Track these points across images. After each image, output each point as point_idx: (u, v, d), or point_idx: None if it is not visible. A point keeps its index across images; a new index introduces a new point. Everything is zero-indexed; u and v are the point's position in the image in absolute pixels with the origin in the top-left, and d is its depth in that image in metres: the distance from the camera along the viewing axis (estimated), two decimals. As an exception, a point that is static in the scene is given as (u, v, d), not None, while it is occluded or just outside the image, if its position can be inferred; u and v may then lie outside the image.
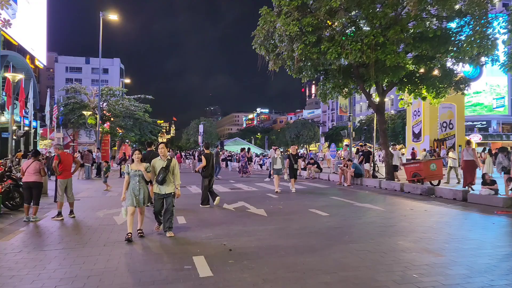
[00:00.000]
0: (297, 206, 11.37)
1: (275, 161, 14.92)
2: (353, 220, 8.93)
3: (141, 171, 7.26)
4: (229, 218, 9.50)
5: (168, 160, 7.45)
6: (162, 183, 7.38)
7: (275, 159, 14.95)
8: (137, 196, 7.24)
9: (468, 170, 13.70)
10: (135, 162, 7.38)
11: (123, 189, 7.35)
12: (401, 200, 12.38)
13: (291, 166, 14.97)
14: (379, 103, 16.38)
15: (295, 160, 15.05)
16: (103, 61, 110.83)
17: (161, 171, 7.34)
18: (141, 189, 7.27)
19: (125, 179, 7.35)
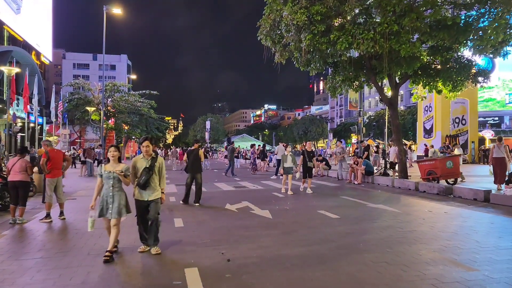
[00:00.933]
0: (305, 207, 10.57)
1: (285, 158, 13.36)
2: (367, 224, 8.10)
3: (116, 174, 5.81)
4: (230, 220, 8.73)
5: (152, 159, 6.11)
6: (144, 187, 6.01)
7: (285, 157, 13.39)
8: (110, 205, 5.79)
9: (499, 168, 12.83)
10: (111, 161, 5.91)
11: (94, 194, 5.94)
12: (417, 200, 11.52)
13: (305, 164, 13.58)
14: (392, 97, 15.48)
15: (309, 158, 13.64)
16: (110, 58, 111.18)
17: (143, 173, 5.99)
18: (116, 196, 5.82)
19: (97, 182, 5.94)
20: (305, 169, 13.64)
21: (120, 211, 5.85)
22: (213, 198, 12.67)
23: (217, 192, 14.50)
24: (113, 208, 5.79)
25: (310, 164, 13.61)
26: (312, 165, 13.79)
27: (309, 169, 13.68)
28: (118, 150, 6.05)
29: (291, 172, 13.31)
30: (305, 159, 13.50)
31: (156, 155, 6.26)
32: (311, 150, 14.01)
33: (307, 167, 13.56)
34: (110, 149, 5.96)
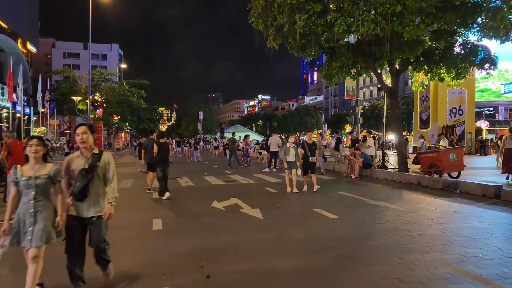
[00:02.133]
0: (299, 204, 9.63)
1: (287, 151, 11.59)
2: (370, 226, 7.17)
3: (42, 178, 3.87)
4: (216, 221, 7.77)
5: (94, 156, 4.13)
6: (81, 198, 4.02)
7: (287, 149, 11.62)
8: (30, 228, 3.79)
9: (510, 159, 12.08)
10: (31, 161, 3.92)
11: (6, 212, 3.90)
12: (420, 196, 10.62)
13: (306, 159, 11.66)
14: (392, 85, 14.51)
15: (311, 152, 11.68)
16: (101, 47, 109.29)
17: (79, 177, 4.03)
18: (40, 213, 3.83)
19: (11, 193, 3.97)
20: (306, 165, 11.74)
21: (47, 235, 3.84)
22: (200, 194, 11.72)
23: (205, 186, 13.53)
24: (34, 233, 3.78)
25: (313, 159, 11.66)
26: (314, 160, 11.71)
27: (312, 165, 11.73)
28: (42, 144, 3.98)
29: (294, 167, 11.68)
30: (306, 153, 11.65)
31: (100, 152, 4.24)
32: (313, 142, 12.05)
33: (309, 162, 11.67)
34: (29, 143, 3.91)
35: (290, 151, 11.61)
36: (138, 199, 10.86)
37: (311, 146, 11.77)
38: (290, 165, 11.64)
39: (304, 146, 11.77)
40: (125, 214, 8.55)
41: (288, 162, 11.64)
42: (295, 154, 11.60)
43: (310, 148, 11.70)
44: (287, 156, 11.59)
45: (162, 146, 11.15)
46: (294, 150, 11.62)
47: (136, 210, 9.11)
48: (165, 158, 11.08)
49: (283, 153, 11.80)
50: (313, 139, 12.60)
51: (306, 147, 11.66)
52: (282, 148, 11.78)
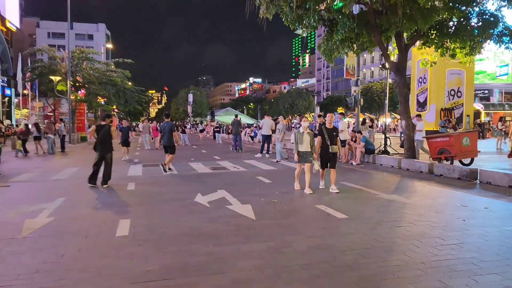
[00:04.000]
0: (298, 199, 8.15)
1: (300, 138, 8.71)
2: (390, 230, 5.72)
3: None
4: (197, 223, 6.26)
5: None
6: None
7: (299, 136, 8.73)
8: None
9: None
10: None
11: None
12: (437, 188, 9.21)
13: (325, 149, 8.81)
14: (399, 61, 12.95)
15: (332, 139, 8.78)
16: (87, 27, 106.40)
17: None
18: None
19: None
20: (325, 157, 8.89)
21: None
22: (184, 184, 10.20)
23: (190, 175, 12.02)
24: None
25: (334, 149, 8.78)
26: (336, 149, 8.84)
27: (332, 157, 8.84)
28: None
29: (309, 160, 8.74)
30: (325, 141, 8.80)
31: None
32: (333, 127, 9.09)
33: (329, 153, 8.81)
34: None
35: (304, 138, 8.66)
36: (110, 192, 9.31)
37: (331, 132, 8.85)
38: (304, 157, 8.74)
39: (322, 132, 8.90)
40: (87, 213, 7.02)
41: (300, 152, 8.75)
42: (310, 143, 8.68)
43: (331, 134, 8.79)
44: (300, 145, 8.70)
45: (100, 129, 9.98)
46: (309, 137, 8.63)
47: (103, 207, 7.57)
48: (104, 141, 9.87)
49: (295, 140, 8.87)
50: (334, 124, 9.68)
51: (325, 134, 8.79)
52: (295, 134, 8.92)
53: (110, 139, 9.96)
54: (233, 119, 21.25)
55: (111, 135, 9.94)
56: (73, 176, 11.89)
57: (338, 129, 9.28)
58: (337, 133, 9.02)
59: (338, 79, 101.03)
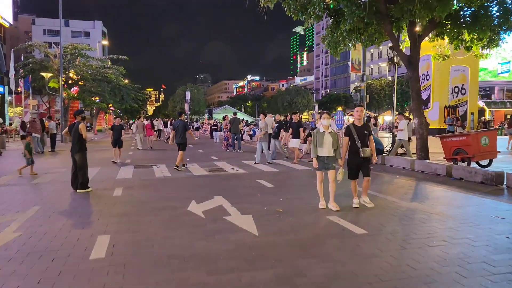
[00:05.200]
0: (306, 208, 7.13)
1: (320, 139, 6.81)
2: (421, 251, 4.72)
3: None
4: (189, 240, 5.25)
5: None
6: None
7: (319, 136, 6.82)
8: None
9: None
10: None
11: None
12: (461, 194, 8.22)
13: (355, 153, 6.93)
14: (412, 53, 11.95)
15: (363, 140, 6.90)
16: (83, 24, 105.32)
17: None
18: None
19: None
20: (356, 162, 6.97)
21: None
22: (177, 189, 9.18)
23: (184, 177, 11.00)
24: None
25: (366, 153, 6.85)
26: (369, 153, 6.89)
27: (364, 163, 6.96)
28: None
29: (331, 166, 6.84)
30: (354, 143, 6.93)
31: None
32: (364, 124, 7.18)
33: (359, 158, 6.90)
34: None
35: (324, 139, 6.76)
36: (93, 199, 8.29)
37: (361, 130, 6.94)
38: (325, 163, 6.84)
39: (350, 131, 6.99)
40: (62, 227, 6.00)
41: (320, 158, 6.85)
42: (334, 145, 6.78)
43: (361, 134, 6.90)
44: (320, 148, 6.82)
45: (72, 127, 9.19)
46: (331, 138, 6.77)
47: (81, 219, 6.54)
48: (74, 141, 9.03)
49: (313, 143, 7.02)
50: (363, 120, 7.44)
51: (354, 133, 6.92)
52: (313, 134, 7.03)
53: (81, 138, 9.00)
54: (231, 117, 20.18)
55: (81, 134, 8.97)
56: (57, 179, 10.85)
57: (370, 127, 7.31)
58: (370, 131, 7.05)
59: (337, 76, 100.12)
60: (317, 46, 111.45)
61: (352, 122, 7.19)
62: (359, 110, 7.17)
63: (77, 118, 9.37)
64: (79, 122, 9.23)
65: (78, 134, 9.05)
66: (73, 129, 9.16)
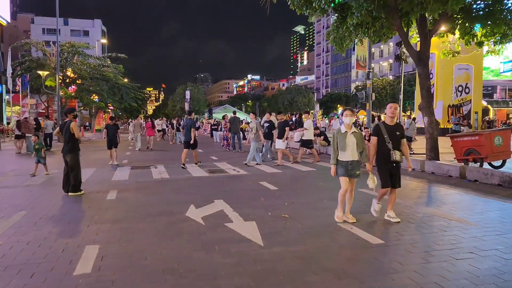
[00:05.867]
0: (315, 213, 6.59)
1: (341, 141, 5.82)
2: (448, 265, 4.17)
3: None
4: (186, 253, 4.72)
5: None
6: None
7: (341, 137, 5.83)
8: None
9: None
10: None
11: None
12: (478, 198, 7.68)
13: (385, 156, 5.82)
14: (422, 49, 11.41)
15: (395, 141, 5.82)
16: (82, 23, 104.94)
17: None
18: None
19: None
20: (385, 167, 5.89)
21: None
22: (175, 192, 8.64)
23: (183, 179, 10.47)
24: None
25: (397, 156, 5.76)
26: (400, 157, 5.82)
27: (395, 168, 5.89)
28: None
29: (355, 174, 5.85)
30: (384, 144, 5.83)
31: None
32: (397, 124, 6.04)
33: (391, 162, 5.81)
34: None
35: (347, 140, 5.75)
36: (84, 203, 7.77)
37: (393, 130, 5.84)
38: (349, 169, 5.80)
39: (379, 130, 5.90)
40: (47, 235, 5.47)
41: (342, 163, 5.83)
42: (358, 147, 5.79)
43: (392, 134, 5.81)
44: (341, 152, 5.81)
45: (63, 127, 8.66)
46: (355, 140, 5.76)
47: (70, 226, 6.01)
48: (66, 141, 8.51)
49: (333, 144, 5.99)
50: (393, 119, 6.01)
51: (385, 132, 5.82)
52: (334, 135, 5.99)
53: (72, 138, 8.46)
54: (231, 116, 19.62)
55: (73, 133, 8.43)
56: (49, 181, 10.31)
57: (403, 127, 6.24)
58: (402, 132, 5.92)
59: (337, 76, 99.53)
60: (318, 45, 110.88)
61: (383, 121, 6.19)
62: (393, 107, 5.98)
63: (69, 117, 8.85)
64: (70, 120, 8.71)
65: (69, 134, 8.52)
66: (64, 128, 8.63)
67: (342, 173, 5.84)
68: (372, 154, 6.00)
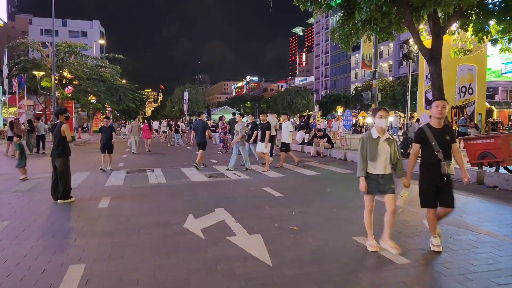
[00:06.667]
0: (327, 225, 5.95)
1: (372, 149, 4.62)
2: (490, 292, 3.59)
3: None
4: (183, 275, 4.09)
5: None
6: None
7: (372, 143, 4.64)
8: None
9: None
10: None
11: None
12: (503, 206, 7.08)
13: (434, 168, 4.65)
14: (433, 47, 10.80)
15: (444, 149, 4.62)
16: (80, 24, 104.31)
17: None
18: None
19: None
20: (433, 183, 4.72)
21: None
22: (172, 199, 8.01)
23: (181, 185, 9.84)
24: None
25: (451, 168, 4.66)
26: (452, 169, 4.68)
27: (447, 183, 4.74)
28: None
29: (388, 189, 4.71)
30: (432, 153, 4.65)
31: None
32: (445, 126, 4.79)
33: (439, 176, 4.67)
34: None
35: (379, 148, 4.62)
36: (74, 213, 7.14)
37: (442, 135, 4.65)
38: (379, 184, 4.69)
39: (424, 136, 4.69)
40: (28, 251, 4.84)
41: (372, 176, 4.69)
42: (393, 158, 4.73)
43: (441, 139, 4.63)
44: (371, 162, 4.66)
45: (53, 128, 8.11)
46: (388, 148, 4.65)
47: (54, 240, 5.38)
48: (55, 145, 7.93)
49: (361, 153, 4.73)
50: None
51: (432, 139, 4.63)
52: (362, 141, 4.75)
53: (63, 141, 7.85)
54: (230, 118, 18.94)
55: (64, 136, 7.82)
56: (38, 186, 9.67)
57: (452, 129, 5.06)
58: (453, 136, 4.70)
59: (337, 77, 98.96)
60: (317, 46, 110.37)
61: (427, 123, 4.75)
62: (440, 105, 4.60)
63: (60, 118, 8.20)
64: (61, 122, 8.06)
65: (60, 137, 7.90)
66: (55, 130, 8.00)
67: (372, 189, 4.69)
68: (412, 165, 4.82)
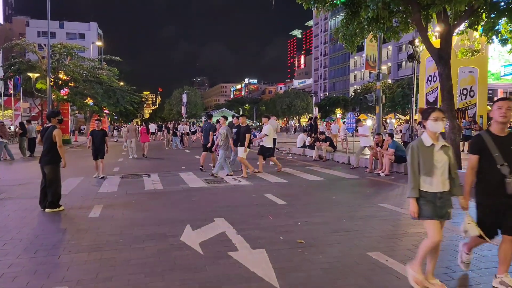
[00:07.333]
0: (336, 238, 5.46)
1: (427, 161, 3.57)
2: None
3: None
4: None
5: None
6: None
7: (427, 153, 3.59)
8: None
9: None
10: None
11: None
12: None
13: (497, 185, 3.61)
14: (442, 47, 10.34)
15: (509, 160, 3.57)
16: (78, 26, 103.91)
17: None
18: None
19: None
20: (496, 203, 3.67)
21: None
22: (168, 208, 7.51)
23: (178, 191, 9.34)
24: None
25: None
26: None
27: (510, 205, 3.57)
28: None
29: (445, 214, 3.69)
30: (493, 166, 3.60)
31: None
32: (510, 134, 3.67)
33: (502, 196, 3.57)
34: None
35: (436, 160, 3.57)
36: (62, 224, 6.63)
37: (507, 144, 3.61)
38: (438, 206, 3.61)
39: (484, 145, 3.67)
40: (7, 268, 4.33)
41: (426, 194, 3.63)
42: (453, 171, 3.67)
43: (505, 148, 3.59)
44: (425, 177, 3.60)
45: (44, 132, 7.56)
46: (446, 157, 3.61)
47: (38, 255, 4.88)
48: (45, 150, 7.43)
49: (411, 164, 3.65)
50: None
51: (494, 149, 3.61)
52: (411, 150, 3.65)
53: (53, 147, 7.32)
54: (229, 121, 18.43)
55: (55, 142, 7.30)
56: (26, 193, 9.14)
57: None
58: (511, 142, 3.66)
59: (336, 79, 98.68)
60: (316, 48, 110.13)
61: (487, 129, 3.82)
62: (504, 106, 3.58)
63: (53, 121, 7.67)
64: (53, 126, 7.53)
65: (50, 142, 7.36)
66: (46, 134, 7.46)
67: (430, 213, 3.59)
68: (469, 182, 3.82)
